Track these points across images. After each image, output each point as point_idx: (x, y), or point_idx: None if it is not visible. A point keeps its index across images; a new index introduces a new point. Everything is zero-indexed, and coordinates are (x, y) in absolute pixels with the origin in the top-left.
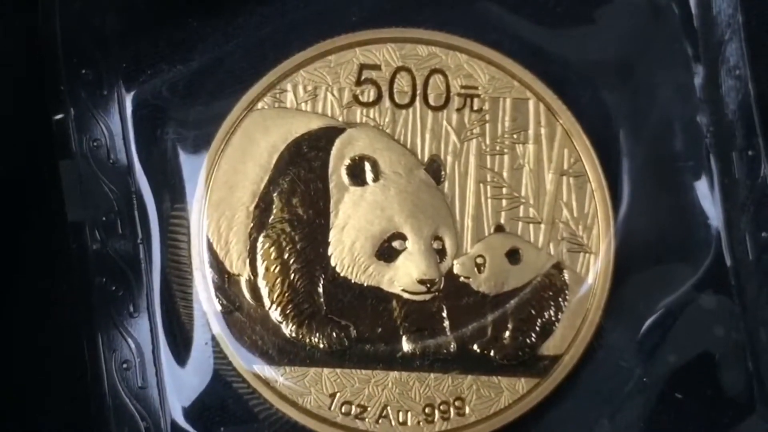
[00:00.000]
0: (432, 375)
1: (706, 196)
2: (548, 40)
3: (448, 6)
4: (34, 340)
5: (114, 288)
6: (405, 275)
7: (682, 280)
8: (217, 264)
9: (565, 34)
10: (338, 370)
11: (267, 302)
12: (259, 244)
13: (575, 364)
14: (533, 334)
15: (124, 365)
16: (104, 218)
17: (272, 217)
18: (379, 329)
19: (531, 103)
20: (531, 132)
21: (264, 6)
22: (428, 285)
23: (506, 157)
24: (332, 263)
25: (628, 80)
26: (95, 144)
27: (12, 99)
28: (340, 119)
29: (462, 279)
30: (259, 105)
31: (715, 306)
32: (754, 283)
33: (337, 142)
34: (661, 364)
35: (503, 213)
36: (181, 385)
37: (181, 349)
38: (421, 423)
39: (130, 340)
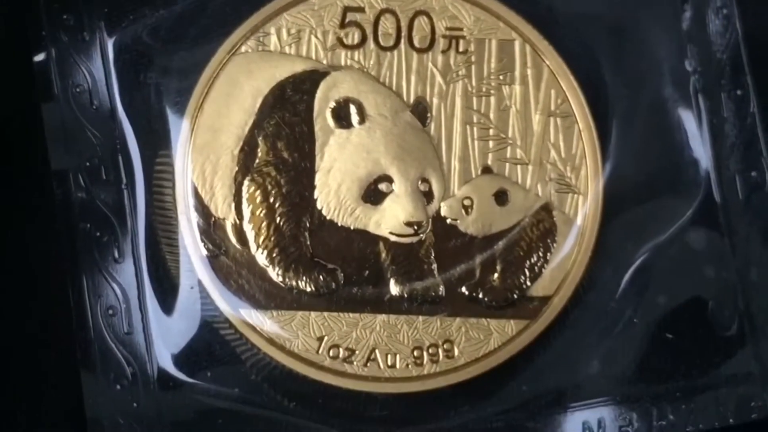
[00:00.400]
0: (420, 318)
1: (695, 136)
2: None
3: None
4: (20, 287)
5: (98, 234)
6: (392, 217)
7: (672, 220)
8: (202, 208)
9: None
10: (325, 314)
11: (253, 246)
12: (244, 188)
13: (564, 306)
14: (522, 276)
15: (110, 311)
16: (88, 164)
17: (257, 160)
18: (367, 272)
19: (517, 44)
20: (517, 73)
21: None
22: (415, 227)
23: (492, 99)
24: (318, 206)
25: (614, 21)
26: (78, 89)
27: None
28: (325, 62)
29: (449, 221)
30: (243, 49)
31: (705, 246)
32: (744, 222)
33: (322, 85)
34: (651, 305)
35: (490, 154)
36: (167, 331)
37: (167, 294)
38: (409, 366)
39: (115, 286)
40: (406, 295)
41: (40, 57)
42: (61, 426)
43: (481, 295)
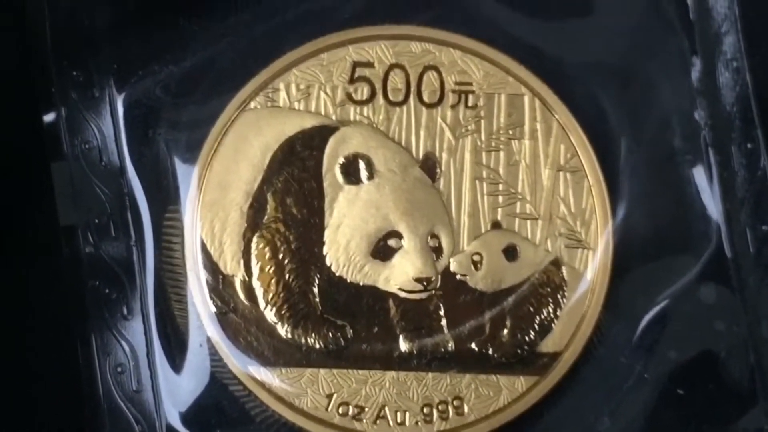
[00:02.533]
0: (430, 374)
1: (705, 189)
2: (543, 35)
3: (440, 2)
4: (28, 345)
5: (107, 291)
6: (401, 274)
7: (682, 274)
8: (211, 265)
9: (560, 28)
10: (335, 371)
11: (262, 303)
12: (253, 245)
13: (575, 361)
14: (532, 332)
15: (119, 369)
16: (97, 221)
17: (266, 217)
18: (376, 329)
19: (526, 99)
20: (527, 128)
21: (256, 5)
22: (425, 283)
23: (502, 154)
24: (327, 263)
25: (624, 74)
26: (87, 146)
27: (2, 101)
28: (334, 118)
29: (459, 277)
30: (252, 105)
31: (716, 300)
32: (755, 276)
33: (331, 141)
34: (661, 360)
35: (500, 209)
36: (176, 388)
37: (175, 351)
38: (419, 423)
39: (124, 343)
40: (415, 352)
41: (49, 115)
42: None
43: (490, 351)
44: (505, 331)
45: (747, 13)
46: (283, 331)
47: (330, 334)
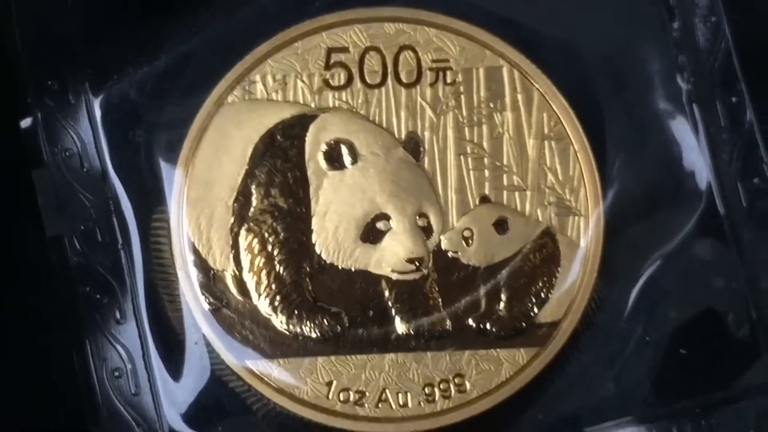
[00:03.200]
0: (429, 354)
1: (693, 147)
2: (518, 6)
3: None
4: (23, 355)
5: (98, 296)
6: (392, 255)
7: (676, 233)
8: (200, 262)
9: None
10: (333, 358)
11: (255, 296)
12: (241, 238)
13: (574, 330)
14: (528, 303)
15: (116, 373)
16: (82, 227)
17: (252, 209)
18: (371, 312)
19: (505, 70)
20: (507, 99)
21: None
22: (417, 263)
23: (485, 127)
24: (317, 250)
25: (602, 39)
26: (67, 153)
27: None
28: (313, 105)
29: (450, 254)
30: (229, 99)
31: (712, 257)
32: (750, 230)
33: (312, 128)
34: (662, 322)
35: (487, 183)
36: (174, 388)
37: (172, 351)
38: (422, 403)
39: (119, 347)
40: (412, 333)
41: (26, 123)
42: None
43: (488, 326)
44: (502, 304)
45: None
46: (277, 322)
47: (325, 321)
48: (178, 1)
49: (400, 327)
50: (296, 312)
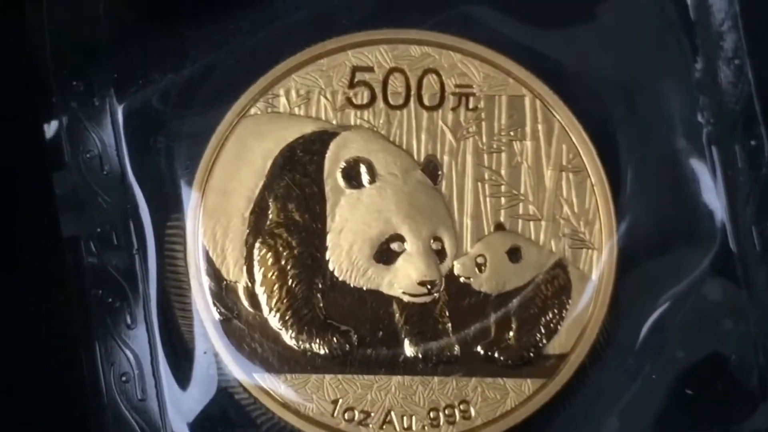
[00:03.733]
0: (436, 378)
1: (709, 187)
2: (542, 36)
3: (438, 7)
4: (33, 354)
5: (110, 300)
6: (405, 277)
7: (688, 273)
8: (213, 272)
9: (560, 29)
10: (340, 376)
11: (265, 309)
12: (255, 251)
13: (581, 363)
14: (537, 334)
15: (123, 378)
16: (99, 230)
17: (268, 222)
18: (380, 333)
19: (527, 100)
20: (528, 129)
21: (255, 12)
22: (429, 286)
23: (504, 155)
24: (330, 267)
25: (625, 73)
26: (88, 155)
27: (2, 111)
28: (334, 122)
29: (463, 279)
30: (252, 111)
31: (723, 299)
32: (762, 273)
33: (332, 146)
34: (669, 360)
35: (503, 211)
36: (181, 397)
37: (180, 359)
38: (426, 428)
39: (128, 352)
40: (420, 356)
41: (50, 124)
42: None
43: (496, 354)
44: (511, 333)
45: (747, 11)
46: (287, 337)
47: (334, 339)
48: (205, 11)
49: (409, 350)
50: (306, 328)
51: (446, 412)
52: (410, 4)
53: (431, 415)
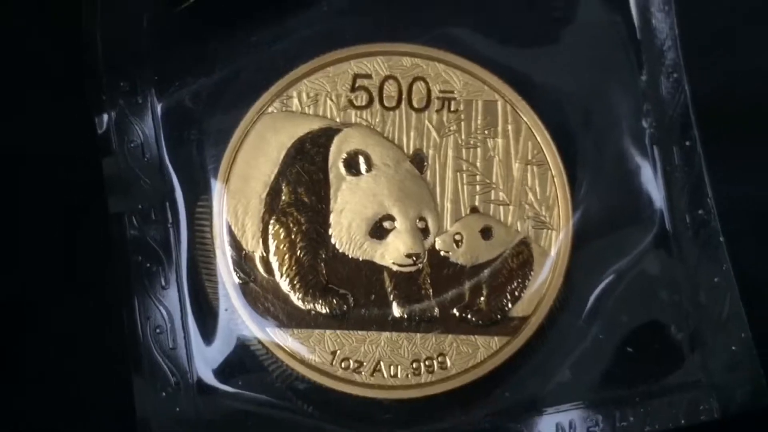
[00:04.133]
0: (418, 335)
1: (651, 180)
2: (513, 52)
3: (427, 26)
4: (84, 310)
5: (148, 265)
6: (394, 250)
7: (631, 251)
8: (234, 243)
9: (529, 47)
10: (338, 332)
11: (277, 275)
12: (270, 226)
13: (540, 324)
14: (504, 299)
15: (157, 330)
16: (140, 207)
17: (281, 203)
18: (373, 296)
19: (499, 104)
20: (499, 128)
21: (274, 27)
22: (414, 258)
23: (479, 150)
24: (332, 241)
25: (582, 84)
26: (132, 144)
27: (60, 107)
28: (338, 120)
29: (443, 253)
30: (269, 110)
31: (660, 273)
32: (693, 253)
33: (336, 140)
34: (614, 324)
35: (477, 197)
36: (205, 347)
37: (205, 315)
38: (409, 376)
39: (162, 309)
40: (406, 316)
41: (101, 118)
42: (114, 426)
43: (469, 316)
44: (482, 298)
45: (685, 33)
46: (294, 298)
47: (334, 301)
48: (231, 26)
49: (396, 310)
50: (311, 291)
51: (426, 363)
52: (403, 23)
53: (414, 365)
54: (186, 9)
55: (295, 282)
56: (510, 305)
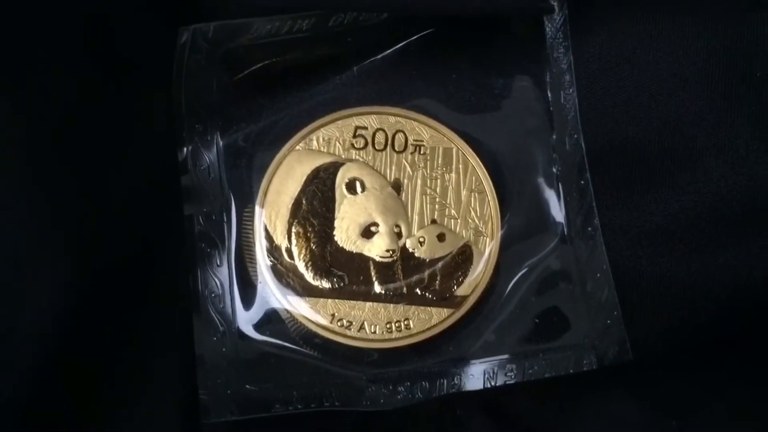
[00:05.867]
0: (391, 305)
1: (556, 206)
2: (466, 115)
3: (407, 96)
4: (162, 283)
5: (209, 250)
6: (378, 247)
7: (540, 251)
8: (268, 237)
9: (476, 112)
10: (336, 301)
11: (297, 260)
12: (293, 227)
13: (476, 301)
14: (452, 283)
15: (213, 294)
16: (205, 210)
17: (301, 211)
18: (361, 277)
19: (454, 151)
20: (453, 167)
21: (301, 92)
22: (391, 253)
23: (438, 181)
24: (335, 239)
25: (512, 139)
26: (202, 168)
27: (156, 144)
28: (343, 157)
29: (411, 250)
30: (297, 147)
31: (560, 268)
32: (583, 256)
33: (341, 170)
34: (526, 302)
35: (436, 212)
36: (244, 307)
37: (246, 286)
38: (384, 333)
39: (216, 280)
40: (383, 292)
41: (182, 150)
42: (179, 361)
43: (427, 294)
44: (437, 282)
45: (582, 105)
46: (308, 277)
47: (334, 279)
48: (274, 90)
49: (377, 288)
50: (319, 272)
51: (396, 324)
52: (390, 93)
53: (387, 326)
54: (242, 78)
55: (308, 265)
56: (456, 287)
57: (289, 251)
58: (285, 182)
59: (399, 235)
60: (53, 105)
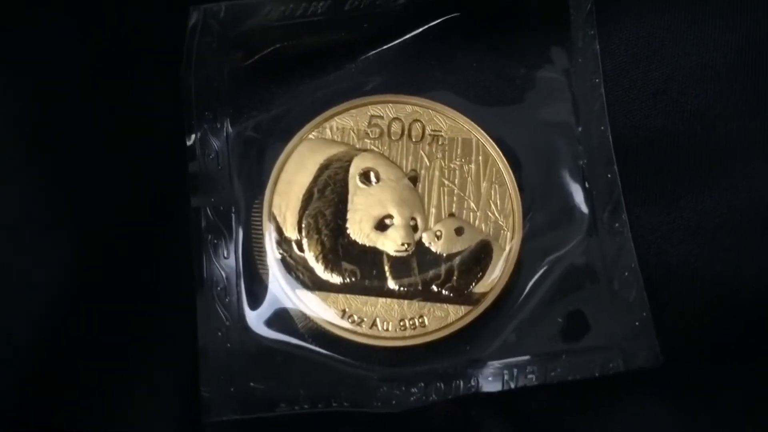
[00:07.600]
0: (405, 301)
1: (582, 202)
2: (487, 106)
3: (424, 85)
4: (169, 273)
5: (216, 241)
6: (392, 241)
7: (564, 248)
8: (278, 229)
9: (498, 103)
10: (348, 296)
11: (307, 253)
12: (304, 219)
13: (495, 299)
14: (470, 279)
15: (219, 287)
16: (213, 200)
17: (313, 202)
18: (374, 272)
19: (474, 141)
20: (473, 158)
21: (315, 79)
22: (406, 247)
23: (457, 172)
24: (348, 232)
25: (536, 129)
26: (211, 156)
27: (164, 131)
28: (358, 146)
29: (427, 244)
30: (310, 136)
31: (585, 265)
32: (611, 252)
33: (355, 160)
34: (548, 301)
35: (454, 205)
36: (251, 301)
37: (254, 280)
38: (397, 330)
39: (223, 272)
40: (397, 287)
41: (190, 137)
42: (183, 352)
43: (443, 290)
44: (454, 278)
45: (609, 97)
46: (319, 270)
47: (346, 273)
48: (286, 78)
49: (391, 283)
50: (330, 266)
51: (410, 322)
52: (407, 82)
53: (401, 323)
54: (253, 63)
55: (319, 259)
56: (474, 284)
57: (299, 243)
58: (296, 172)
59: (415, 228)
60: (58, 83)
